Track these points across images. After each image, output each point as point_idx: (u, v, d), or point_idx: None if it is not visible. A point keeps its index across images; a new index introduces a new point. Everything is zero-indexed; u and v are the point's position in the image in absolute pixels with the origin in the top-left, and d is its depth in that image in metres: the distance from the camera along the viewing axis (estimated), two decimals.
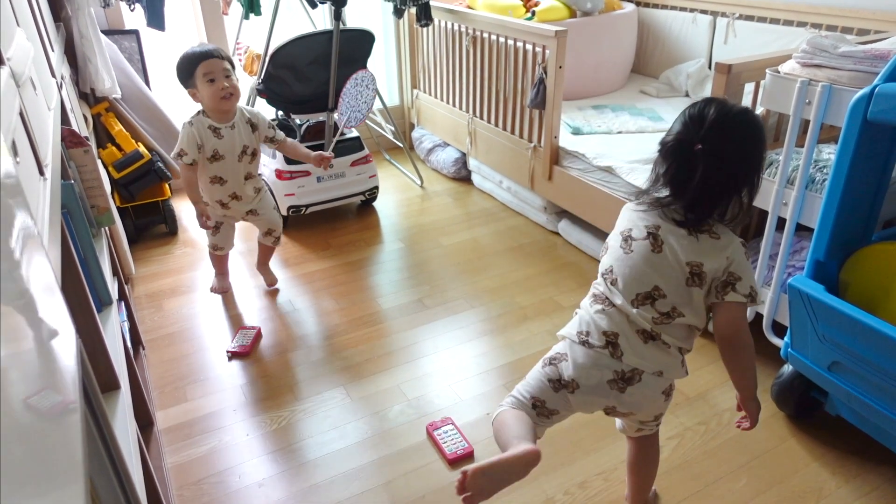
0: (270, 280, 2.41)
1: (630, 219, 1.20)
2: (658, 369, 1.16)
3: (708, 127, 1.08)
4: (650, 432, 1.32)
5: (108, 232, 1.96)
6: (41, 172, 0.97)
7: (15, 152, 0.80)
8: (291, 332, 2.16)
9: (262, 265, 2.42)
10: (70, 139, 1.62)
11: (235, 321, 2.22)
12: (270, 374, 1.95)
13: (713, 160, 1.08)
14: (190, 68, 1.97)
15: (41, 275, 0.59)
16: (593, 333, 1.18)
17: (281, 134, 2.18)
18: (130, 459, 1.04)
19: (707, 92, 1.79)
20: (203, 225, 2.11)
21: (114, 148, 2.60)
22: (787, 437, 1.66)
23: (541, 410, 1.21)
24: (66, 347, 0.63)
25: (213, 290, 2.35)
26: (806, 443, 1.64)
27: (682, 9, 3.05)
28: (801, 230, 1.72)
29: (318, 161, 2.21)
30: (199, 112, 2.05)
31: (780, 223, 1.73)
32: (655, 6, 3.20)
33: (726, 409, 1.75)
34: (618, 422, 1.36)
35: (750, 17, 2.74)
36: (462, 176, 3.31)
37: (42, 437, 0.45)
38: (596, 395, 1.19)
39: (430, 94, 3.44)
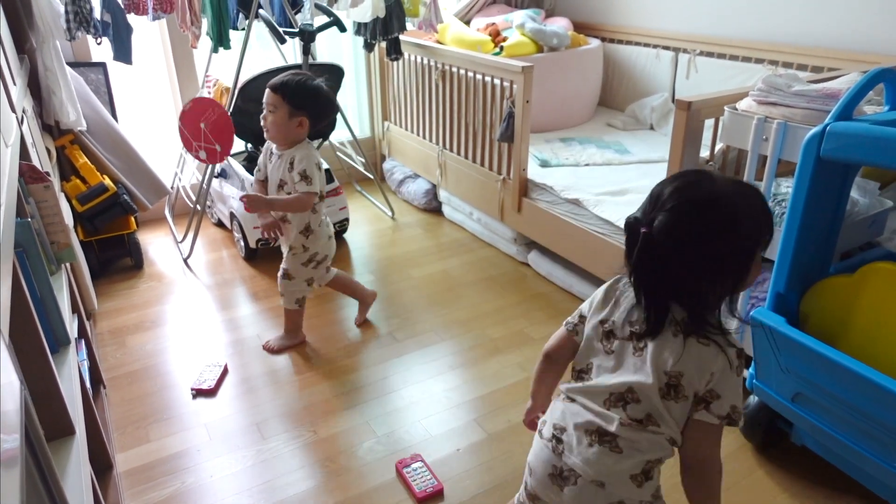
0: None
1: (613, 307, 1.07)
2: (598, 479, 1.02)
3: (659, 208, 0.96)
4: None
5: (69, 268, 1.91)
6: None
7: None
8: (259, 367, 2.12)
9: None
10: (30, 175, 1.59)
11: (200, 357, 2.17)
12: (236, 412, 1.91)
13: (658, 248, 0.95)
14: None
15: None
16: (548, 422, 1.12)
17: (302, 187, 2.00)
18: None
19: (670, 125, 1.83)
20: (268, 236, 2.17)
21: (78, 181, 2.56)
22: (754, 468, 1.67)
23: (528, 494, 1.18)
24: (8, 397, 0.60)
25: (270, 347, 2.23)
26: (773, 474, 1.65)
27: (646, 45, 3.14)
28: (764, 262, 1.75)
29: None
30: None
31: None
32: (620, 42, 3.29)
33: None
34: None
35: (710, 54, 2.83)
36: (433, 207, 3.32)
37: None
38: (543, 487, 1.11)
39: (400, 127, 3.47)
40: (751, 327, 1.55)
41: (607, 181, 2.46)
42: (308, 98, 1.96)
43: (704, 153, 1.90)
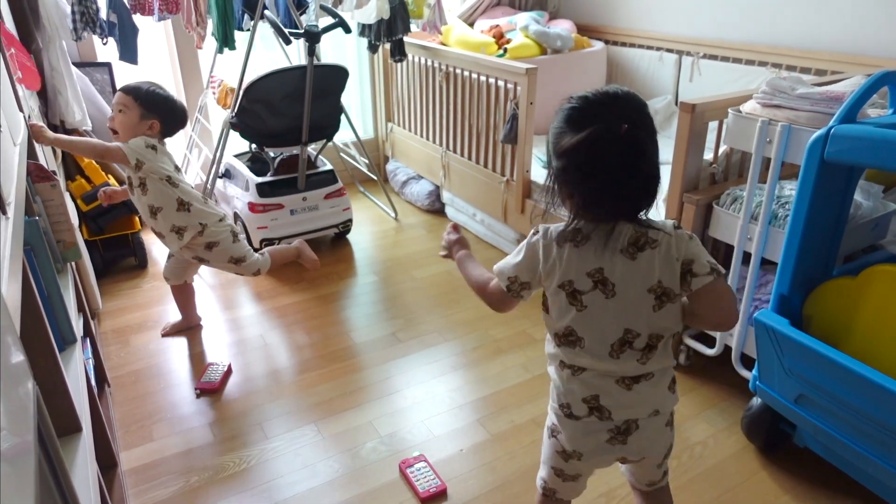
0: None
1: (563, 264, 1.05)
2: (652, 410, 1.10)
3: (617, 100, 0.98)
4: (662, 484, 1.27)
5: (74, 267, 1.92)
6: (3, 211, 0.96)
7: None
8: (262, 367, 2.12)
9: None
10: (37, 174, 1.60)
11: (205, 357, 2.18)
12: (240, 412, 1.92)
13: (637, 145, 0.96)
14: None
15: None
16: (574, 404, 1.12)
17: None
18: None
19: (674, 127, 1.84)
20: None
21: (83, 180, 2.57)
22: (757, 469, 1.67)
23: (565, 478, 1.21)
24: (22, 393, 0.61)
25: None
26: (776, 475, 1.65)
27: (649, 47, 3.15)
28: (767, 264, 1.76)
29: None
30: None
31: (746, 258, 1.77)
32: (623, 44, 3.29)
33: (698, 443, 1.76)
34: (627, 475, 1.31)
35: (713, 57, 2.83)
36: (436, 208, 3.33)
37: None
38: (601, 456, 1.15)
39: (404, 128, 3.48)
40: (754, 329, 1.55)
41: None
42: (159, 103, 1.99)
43: (708, 155, 1.91)
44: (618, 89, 1.00)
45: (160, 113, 1.98)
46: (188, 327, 2.32)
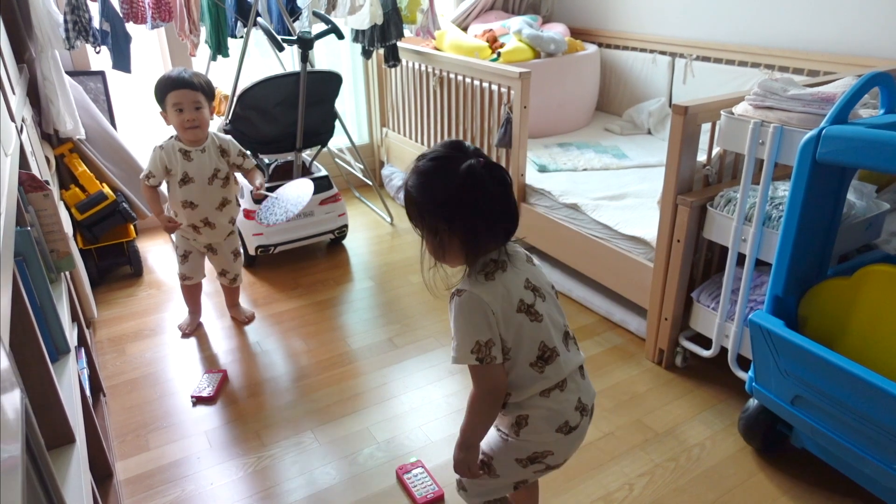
0: (244, 318, 2.42)
1: (507, 291, 1.10)
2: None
3: (460, 145, 1.09)
4: None
5: (68, 276, 1.91)
6: None
7: None
8: (259, 374, 2.12)
9: (231, 307, 2.44)
10: (29, 183, 1.59)
11: (201, 364, 2.17)
12: (236, 420, 1.91)
13: (499, 166, 1.09)
14: (162, 94, 2.01)
15: None
16: (571, 418, 1.16)
17: (251, 162, 2.21)
18: None
19: (667, 129, 1.84)
20: (168, 229, 2.14)
21: (77, 189, 2.57)
22: (755, 471, 1.67)
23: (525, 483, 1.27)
24: (8, 406, 0.61)
25: (180, 328, 2.35)
26: (774, 477, 1.65)
27: (643, 50, 3.16)
28: (762, 265, 1.76)
29: (256, 192, 2.20)
30: (172, 136, 2.10)
31: (741, 259, 1.77)
32: (617, 47, 3.30)
33: (695, 445, 1.76)
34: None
35: (706, 59, 2.84)
36: None
37: None
38: (575, 443, 1.22)
39: (398, 133, 3.48)
40: (749, 330, 1.55)
41: (605, 186, 2.47)
42: (213, 91, 2.12)
43: (701, 157, 1.91)
44: (451, 140, 1.12)
45: (212, 100, 2.11)
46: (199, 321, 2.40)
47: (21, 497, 0.53)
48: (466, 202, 1.05)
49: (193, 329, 2.36)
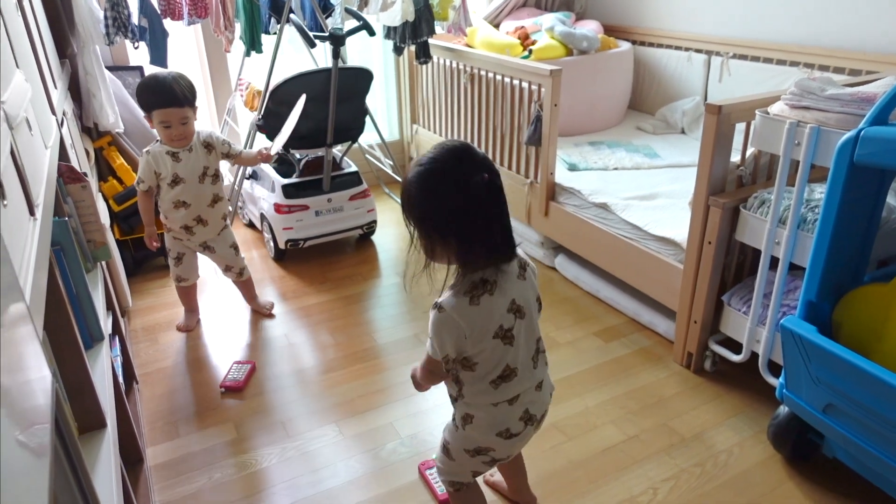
0: (265, 311, 2.45)
1: (489, 316, 1.13)
2: (550, 388, 1.30)
3: (476, 157, 1.08)
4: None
5: (105, 266, 1.97)
6: (31, 212, 0.99)
7: (2, 195, 0.81)
8: (286, 366, 2.15)
9: (249, 301, 2.47)
10: (68, 175, 1.64)
11: (230, 355, 2.21)
12: (263, 410, 1.94)
13: (496, 182, 1.08)
14: (147, 107, 2.04)
15: (14, 320, 0.59)
16: (512, 426, 1.23)
17: (237, 148, 2.23)
18: (112, 501, 1.03)
19: (701, 129, 1.80)
20: (151, 246, 2.20)
21: (115, 181, 2.63)
22: (784, 479, 1.64)
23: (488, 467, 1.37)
24: (40, 390, 0.63)
25: (178, 328, 2.37)
26: (803, 486, 1.61)
27: (678, 47, 3.10)
28: (796, 269, 1.72)
29: (260, 156, 2.23)
30: (157, 140, 2.12)
31: (774, 263, 1.73)
32: (651, 45, 3.25)
33: (722, 451, 1.73)
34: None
35: (744, 57, 2.78)
36: None
37: (9, 479, 0.45)
38: (519, 444, 1.30)
39: (429, 129, 3.49)
40: (781, 336, 1.52)
41: (636, 185, 2.44)
42: (194, 93, 2.10)
43: (735, 157, 1.87)
44: (460, 144, 1.11)
45: (196, 107, 2.13)
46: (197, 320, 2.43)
47: (49, 479, 0.55)
48: (468, 218, 1.06)
49: (193, 327, 2.38)
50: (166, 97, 1.99)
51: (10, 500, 0.45)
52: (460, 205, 1.06)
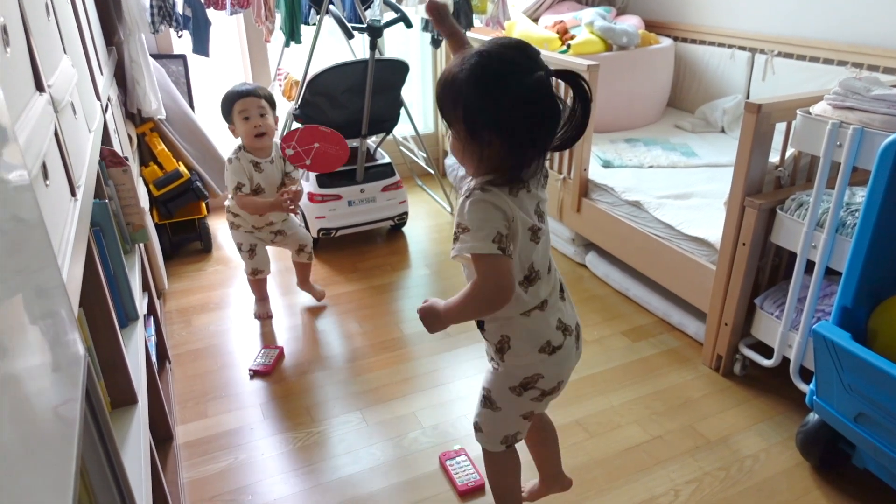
0: (317, 294, 2.48)
1: (521, 209, 1.07)
2: (571, 299, 1.25)
3: (534, 53, 1.02)
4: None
5: (142, 248, 2.03)
6: (73, 193, 1.02)
7: (45, 175, 0.84)
8: (314, 353, 2.19)
9: (304, 283, 2.48)
10: (110, 159, 1.70)
11: (260, 340, 2.26)
12: (289, 395, 1.98)
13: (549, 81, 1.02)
14: (228, 105, 2.09)
15: (50, 296, 0.62)
16: (553, 337, 1.16)
17: (296, 173, 2.26)
18: (140, 473, 1.07)
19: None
20: (289, 209, 2.17)
21: (155, 166, 2.71)
22: (811, 488, 1.60)
23: (531, 417, 1.30)
24: (72, 365, 0.65)
25: (257, 316, 2.40)
26: (831, 495, 1.57)
27: (721, 45, 3.03)
28: (832, 274, 1.68)
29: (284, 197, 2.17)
30: (240, 147, 2.15)
31: (810, 266, 1.69)
32: (693, 41, 3.19)
33: (748, 456, 1.70)
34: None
35: (789, 55, 2.71)
36: None
37: (39, 448, 0.48)
38: (570, 364, 1.24)
39: None
40: (813, 341, 1.48)
41: (671, 184, 2.40)
42: (273, 100, 2.17)
43: (775, 158, 1.83)
44: (516, 40, 1.06)
45: (274, 110, 2.19)
46: None
47: (76, 448, 0.57)
48: (528, 115, 1.00)
49: (270, 313, 2.41)
50: (244, 90, 2.09)
51: (39, 466, 0.48)
52: (524, 100, 0.99)
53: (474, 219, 1.03)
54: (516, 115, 1.00)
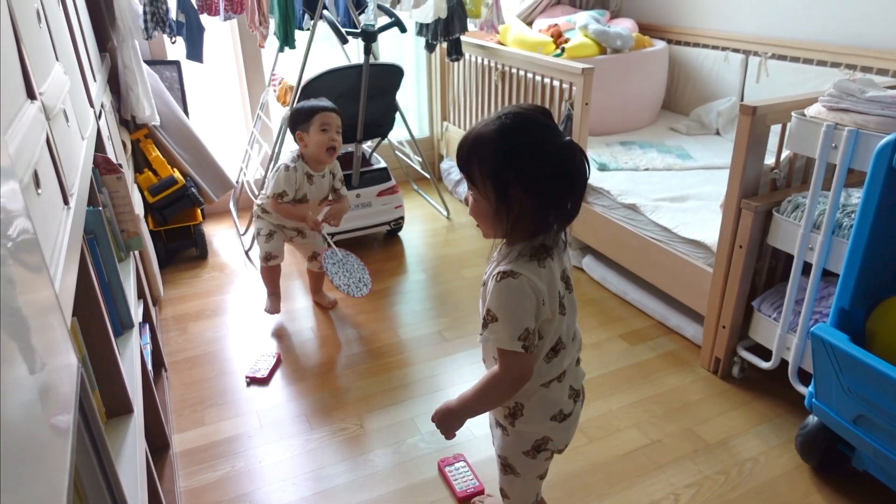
0: (329, 304, 2.49)
1: (552, 282, 1.05)
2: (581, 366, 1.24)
3: (551, 121, 1.03)
4: None
5: (137, 255, 2.02)
6: (66, 201, 1.01)
7: (37, 184, 0.83)
8: (311, 359, 2.17)
9: (316, 293, 2.51)
10: (104, 166, 1.69)
11: (256, 347, 2.25)
12: (287, 402, 1.97)
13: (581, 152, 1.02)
14: (310, 114, 2.13)
15: (42, 305, 0.61)
16: (565, 406, 1.16)
17: (345, 191, 2.33)
18: (136, 483, 1.06)
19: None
20: (315, 228, 2.24)
21: (150, 173, 2.69)
22: (811, 491, 1.60)
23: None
24: (65, 375, 0.64)
25: (267, 310, 2.40)
26: (831, 498, 1.57)
27: (714, 47, 3.04)
28: (829, 275, 1.68)
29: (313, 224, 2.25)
30: (298, 157, 2.19)
31: (807, 268, 1.69)
32: (687, 44, 3.20)
33: (748, 459, 1.69)
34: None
35: (782, 57, 2.72)
36: None
37: (32, 458, 0.47)
38: (573, 428, 1.23)
39: (459, 127, 3.49)
40: (811, 343, 1.48)
41: (666, 187, 2.40)
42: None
43: (770, 160, 1.83)
44: (536, 105, 1.05)
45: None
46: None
47: (69, 459, 0.56)
48: (560, 174, 0.99)
49: (279, 309, 2.40)
50: (329, 105, 2.14)
51: (32, 478, 0.47)
52: (559, 158, 0.99)
53: (503, 308, 1.01)
54: (548, 173, 0.98)
